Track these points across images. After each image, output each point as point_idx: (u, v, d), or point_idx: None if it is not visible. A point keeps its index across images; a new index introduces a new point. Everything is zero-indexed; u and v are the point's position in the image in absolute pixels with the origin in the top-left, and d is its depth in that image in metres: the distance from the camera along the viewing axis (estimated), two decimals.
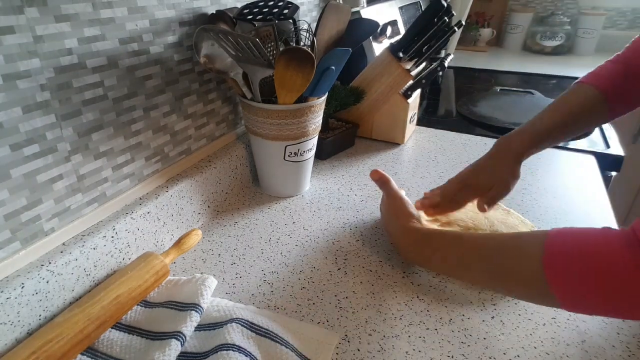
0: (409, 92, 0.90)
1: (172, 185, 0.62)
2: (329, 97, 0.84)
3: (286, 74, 0.59)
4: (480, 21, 2.05)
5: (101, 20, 0.48)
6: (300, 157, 0.71)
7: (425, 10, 0.82)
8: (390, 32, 1.18)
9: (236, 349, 0.42)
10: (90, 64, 0.48)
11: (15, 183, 0.42)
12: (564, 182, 0.78)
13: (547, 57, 1.88)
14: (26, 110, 0.42)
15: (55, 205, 0.47)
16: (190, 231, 0.60)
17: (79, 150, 0.49)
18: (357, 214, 0.70)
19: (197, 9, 0.63)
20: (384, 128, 0.95)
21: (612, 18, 1.92)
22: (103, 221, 0.53)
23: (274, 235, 0.65)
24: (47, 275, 0.44)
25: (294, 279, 0.56)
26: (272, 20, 0.62)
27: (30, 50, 0.41)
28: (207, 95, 0.69)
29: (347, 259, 0.59)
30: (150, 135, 0.59)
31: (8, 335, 0.41)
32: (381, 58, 0.89)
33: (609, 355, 0.44)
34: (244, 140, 0.78)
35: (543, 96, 1.32)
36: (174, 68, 0.60)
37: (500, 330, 0.48)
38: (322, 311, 0.50)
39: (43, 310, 0.44)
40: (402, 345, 0.46)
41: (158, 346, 0.43)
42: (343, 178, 0.81)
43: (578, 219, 0.67)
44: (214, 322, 0.47)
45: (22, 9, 0.40)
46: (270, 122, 0.65)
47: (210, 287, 0.51)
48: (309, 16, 0.94)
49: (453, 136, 1.00)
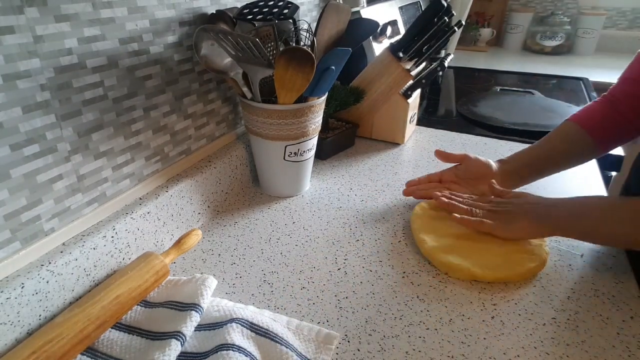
0: (409, 92, 0.90)
1: (172, 185, 0.62)
2: (329, 97, 0.84)
3: (286, 74, 0.59)
4: (480, 21, 2.05)
5: (101, 20, 0.48)
6: (300, 157, 0.71)
7: (425, 10, 0.82)
8: (390, 32, 1.18)
9: (236, 349, 0.42)
10: (90, 64, 0.48)
11: (15, 183, 0.42)
12: (564, 182, 0.78)
13: (547, 57, 1.88)
14: (26, 110, 0.42)
15: (55, 205, 0.47)
16: (190, 231, 0.60)
17: (79, 150, 0.49)
18: (357, 214, 0.70)
19: (197, 9, 0.63)
20: (384, 128, 0.95)
21: (612, 18, 1.92)
22: (103, 221, 0.53)
23: (274, 235, 0.65)
24: (47, 275, 0.44)
25: (294, 279, 0.56)
26: (272, 20, 0.62)
27: (30, 50, 0.41)
28: (207, 95, 0.69)
29: (347, 259, 0.59)
30: (150, 135, 0.59)
31: (8, 335, 0.41)
32: (381, 58, 0.89)
33: (609, 355, 0.44)
34: (244, 140, 0.78)
35: (543, 96, 1.32)
36: (174, 68, 0.60)
37: (500, 330, 0.48)
38: (322, 311, 0.50)
39: (43, 310, 0.44)
40: (402, 345, 0.46)
41: (158, 346, 0.43)
42: (343, 178, 0.81)
43: None
44: (214, 322, 0.47)
45: (22, 9, 0.40)
46: (270, 122, 0.65)
47: (210, 287, 0.51)
48: (309, 16, 0.94)
49: (453, 136, 1.00)
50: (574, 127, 0.67)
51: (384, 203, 0.73)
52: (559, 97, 1.30)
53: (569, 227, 0.55)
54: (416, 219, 0.64)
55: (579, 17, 1.91)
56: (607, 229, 0.52)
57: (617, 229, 0.52)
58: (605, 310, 0.50)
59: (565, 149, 0.68)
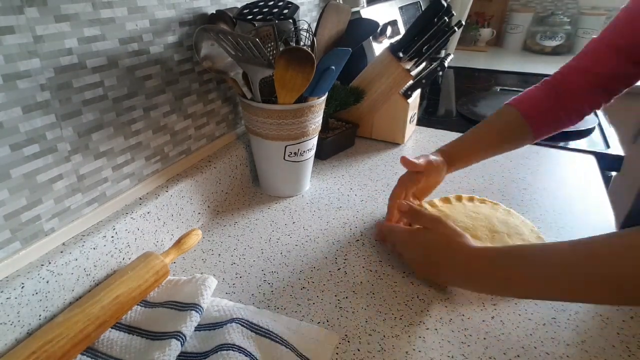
0: (409, 92, 0.90)
1: (172, 185, 0.62)
2: (329, 97, 0.84)
3: (286, 74, 0.59)
4: (480, 21, 2.05)
5: (101, 20, 0.48)
6: (300, 157, 0.71)
7: (425, 10, 0.82)
8: (390, 32, 1.18)
9: (236, 349, 0.42)
10: (90, 64, 0.48)
11: (15, 183, 0.42)
12: (564, 182, 0.78)
13: (547, 57, 1.88)
14: (26, 110, 0.42)
15: (55, 205, 0.47)
16: (190, 231, 0.60)
17: (79, 150, 0.49)
18: (357, 214, 0.70)
19: (197, 9, 0.63)
20: (384, 128, 0.95)
21: (612, 18, 1.92)
22: (103, 221, 0.53)
23: (274, 235, 0.65)
24: (47, 275, 0.44)
25: (294, 279, 0.56)
26: (272, 20, 0.62)
27: (30, 50, 0.41)
28: (207, 95, 0.69)
29: (347, 259, 0.59)
30: (150, 135, 0.59)
31: (8, 335, 0.41)
32: (381, 58, 0.89)
33: (609, 355, 0.44)
34: (244, 140, 0.78)
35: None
36: (174, 68, 0.60)
37: (500, 330, 0.47)
38: (322, 311, 0.50)
39: (43, 310, 0.44)
40: (402, 345, 0.46)
41: (158, 346, 0.43)
42: (343, 178, 0.81)
43: (578, 219, 0.67)
44: (214, 322, 0.47)
45: (22, 9, 0.40)
46: (270, 122, 0.65)
47: (210, 287, 0.51)
48: (309, 16, 0.94)
49: (453, 136, 0.99)
50: (514, 112, 0.67)
51: (384, 203, 0.73)
52: None
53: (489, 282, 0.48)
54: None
55: (579, 17, 1.91)
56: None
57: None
58: (605, 310, 0.50)
59: (502, 135, 0.68)
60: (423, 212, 0.56)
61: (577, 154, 0.89)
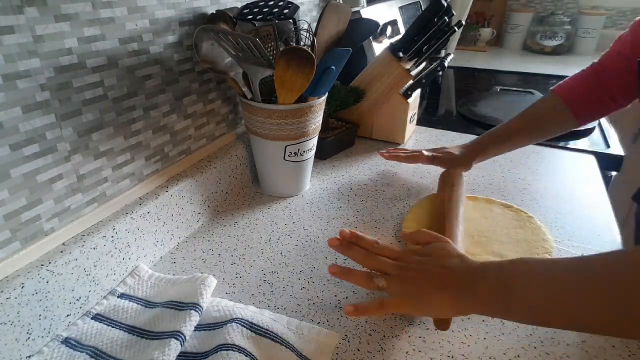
0: (409, 92, 0.90)
1: (172, 185, 0.61)
2: (329, 97, 0.84)
3: (286, 74, 0.59)
4: (480, 21, 2.04)
5: (101, 20, 0.48)
6: (300, 157, 0.71)
7: (425, 10, 0.82)
8: (390, 32, 1.18)
9: (236, 349, 0.42)
10: (90, 63, 0.48)
11: (15, 183, 0.42)
12: (564, 182, 0.78)
13: (547, 57, 1.88)
14: (26, 110, 0.42)
15: (55, 205, 0.47)
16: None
17: (79, 150, 0.49)
18: (357, 214, 0.70)
19: (197, 8, 0.63)
20: (384, 128, 0.95)
21: (612, 18, 1.92)
22: (103, 221, 0.53)
23: (274, 235, 0.65)
24: (47, 275, 0.44)
25: (294, 279, 0.55)
26: (272, 20, 0.62)
27: (30, 50, 0.41)
28: (207, 95, 0.69)
29: (347, 259, 0.59)
30: (150, 135, 0.59)
31: (8, 335, 0.41)
32: (381, 58, 0.89)
33: (609, 355, 0.44)
34: (244, 140, 0.78)
35: (543, 96, 1.31)
36: (174, 68, 0.60)
37: (500, 330, 0.47)
38: (322, 311, 0.50)
39: (43, 310, 0.44)
40: (402, 345, 0.46)
41: (157, 346, 0.43)
42: (343, 178, 0.81)
43: (578, 219, 0.67)
44: (213, 322, 0.47)
45: (22, 9, 0.40)
46: (270, 122, 0.65)
47: (210, 287, 0.51)
48: (309, 16, 0.94)
49: (453, 136, 1.00)
50: (554, 97, 0.69)
51: (384, 203, 0.73)
52: None
53: (496, 303, 0.39)
54: (411, 223, 0.64)
55: (579, 17, 1.91)
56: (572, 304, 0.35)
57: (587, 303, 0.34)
58: None
59: (541, 120, 0.71)
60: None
61: (577, 153, 0.89)
